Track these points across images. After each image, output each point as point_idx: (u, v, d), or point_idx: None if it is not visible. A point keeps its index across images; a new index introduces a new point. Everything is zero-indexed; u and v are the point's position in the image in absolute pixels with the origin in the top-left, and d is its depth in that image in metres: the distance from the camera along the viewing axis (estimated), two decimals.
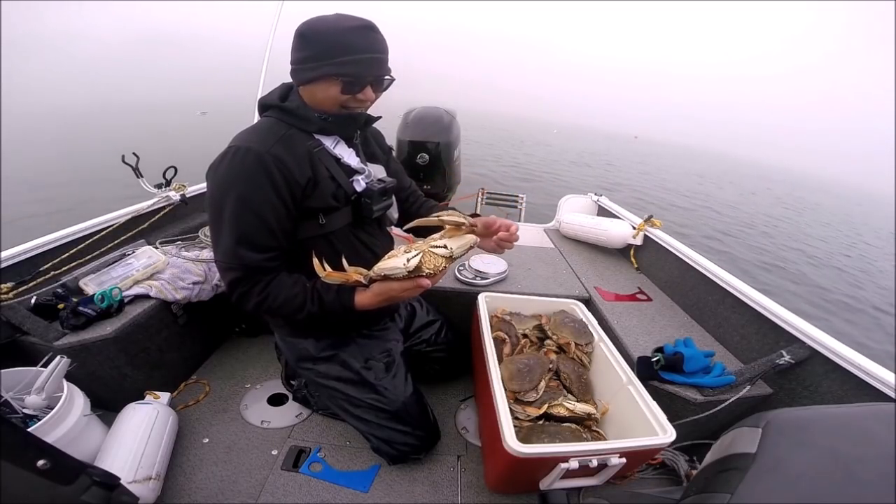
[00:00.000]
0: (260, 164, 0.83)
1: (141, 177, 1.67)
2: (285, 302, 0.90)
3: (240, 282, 0.87)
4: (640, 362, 1.17)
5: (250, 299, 0.89)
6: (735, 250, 7.58)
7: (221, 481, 1.09)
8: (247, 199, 0.84)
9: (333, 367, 1.12)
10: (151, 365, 1.27)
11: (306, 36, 0.86)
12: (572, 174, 12.87)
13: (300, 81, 0.91)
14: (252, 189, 0.84)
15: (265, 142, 0.86)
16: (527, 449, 0.84)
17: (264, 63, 2.05)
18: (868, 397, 0.99)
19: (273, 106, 0.93)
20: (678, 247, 1.68)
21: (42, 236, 1.28)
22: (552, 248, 2.07)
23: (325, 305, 0.91)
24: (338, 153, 0.97)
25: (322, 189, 0.92)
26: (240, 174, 0.84)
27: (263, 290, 0.88)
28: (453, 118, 2.19)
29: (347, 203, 0.97)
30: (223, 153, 0.86)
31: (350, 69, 0.86)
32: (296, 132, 0.91)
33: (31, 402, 0.97)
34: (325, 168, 0.93)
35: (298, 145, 0.90)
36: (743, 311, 1.32)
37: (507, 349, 1.22)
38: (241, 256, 0.85)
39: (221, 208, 0.85)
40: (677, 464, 1.09)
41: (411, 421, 1.12)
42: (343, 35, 0.84)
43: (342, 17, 0.87)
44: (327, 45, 0.84)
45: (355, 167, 1.00)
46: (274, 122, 0.92)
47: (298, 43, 0.87)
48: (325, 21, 0.86)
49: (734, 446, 0.47)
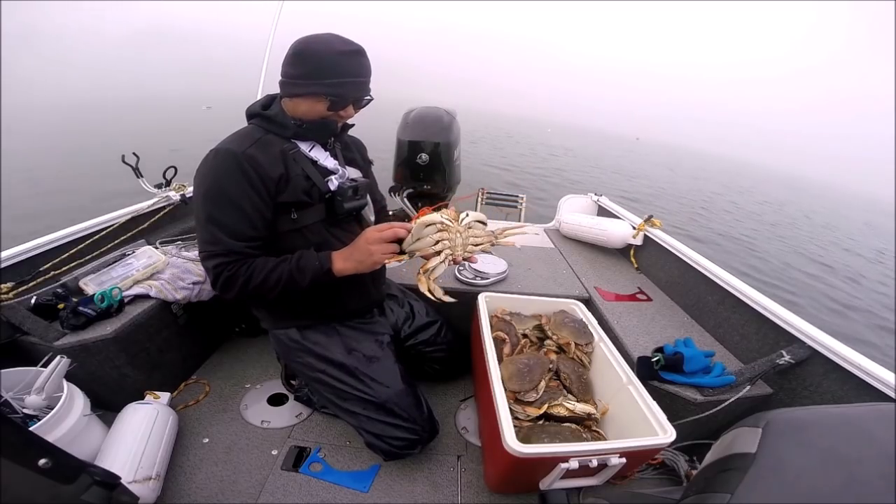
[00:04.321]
0: (234, 161, 0.92)
1: (141, 177, 1.67)
2: (268, 274, 0.95)
3: (224, 266, 0.93)
4: (640, 362, 1.17)
5: (237, 281, 0.94)
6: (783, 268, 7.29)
7: (221, 481, 1.09)
8: (224, 192, 0.92)
9: (317, 359, 1.14)
10: (151, 365, 1.27)
11: (301, 54, 0.95)
12: (572, 175, 12.90)
13: (288, 94, 1.01)
14: (229, 183, 0.92)
15: (241, 144, 0.95)
16: (527, 449, 0.84)
17: (265, 61, 2.06)
18: (868, 397, 0.99)
19: (256, 114, 1.04)
20: (678, 247, 1.68)
21: (42, 236, 1.28)
22: (552, 248, 2.08)
23: (301, 260, 0.97)
24: (314, 156, 1.05)
25: (294, 185, 0.99)
26: (216, 170, 0.93)
27: (248, 269, 0.94)
28: (453, 118, 2.19)
29: (321, 200, 1.05)
30: (206, 155, 0.95)
31: (337, 90, 0.96)
32: (273, 137, 1.01)
33: (31, 402, 0.97)
34: (300, 167, 1.01)
35: (273, 147, 0.99)
36: (743, 311, 1.32)
37: (507, 349, 1.22)
38: (223, 242, 0.93)
39: (203, 203, 0.94)
40: (677, 464, 1.09)
41: (402, 414, 1.10)
42: (334, 58, 0.94)
43: (336, 39, 0.96)
44: (319, 66, 0.94)
45: (331, 168, 1.07)
46: (253, 128, 1.03)
47: (292, 60, 0.96)
48: (319, 42, 0.95)
49: (734, 446, 0.47)
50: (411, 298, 1.41)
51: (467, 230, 1.02)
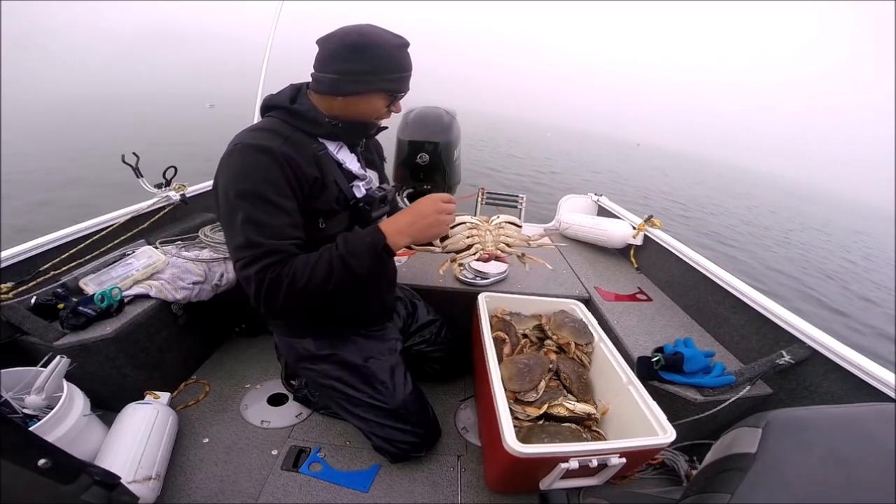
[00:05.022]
0: (273, 158, 0.83)
1: (141, 177, 1.67)
2: (313, 269, 0.83)
3: (267, 268, 0.81)
4: (640, 362, 1.17)
5: (282, 284, 0.81)
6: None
7: (221, 481, 1.09)
8: (263, 191, 0.82)
9: (332, 366, 1.13)
10: (151, 365, 1.27)
11: (362, 49, 0.86)
12: (573, 175, 12.89)
13: (349, 92, 0.89)
14: (267, 181, 0.83)
15: (274, 140, 0.86)
16: (527, 449, 0.84)
17: (265, 61, 2.06)
18: (868, 397, 0.99)
19: (280, 107, 0.93)
20: (678, 247, 1.68)
21: (42, 236, 1.28)
22: (552, 248, 2.07)
23: (349, 244, 0.86)
24: (340, 158, 0.98)
25: (328, 192, 0.92)
26: (252, 168, 0.83)
27: (290, 269, 0.82)
28: (453, 118, 2.19)
29: (346, 208, 0.98)
30: (230, 151, 0.85)
31: (399, 86, 0.92)
32: (300, 135, 0.91)
33: (31, 402, 0.97)
34: (331, 172, 0.94)
35: (306, 147, 0.90)
36: (743, 311, 1.32)
37: (507, 349, 1.22)
38: (264, 245, 0.81)
39: (237, 203, 0.82)
40: (677, 464, 1.09)
41: (411, 419, 1.12)
42: (394, 52, 0.89)
43: (386, 32, 0.90)
44: (383, 60, 0.88)
45: (356, 173, 1.01)
46: (278, 123, 0.91)
47: (350, 55, 0.86)
48: (376, 35, 0.88)
49: (734, 446, 0.47)
50: (413, 297, 1.41)
51: (498, 229, 1.11)
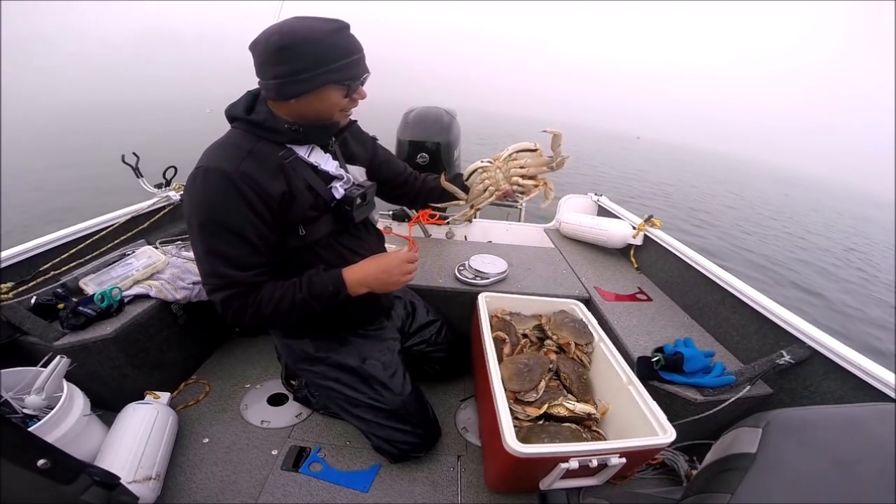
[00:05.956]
0: (229, 183, 0.81)
1: (141, 177, 1.67)
2: (277, 304, 0.90)
3: (232, 298, 0.88)
4: (640, 362, 1.17)
5: (246, 312, 0.89)
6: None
7: (221, 481, 1.09)
8: (223, 222, 0.83)
9: (331, 367, 1.13)
10: (151, 365, 1.27)
11: (291, 48, 0.80)
12: (573, 175, 12.88)
13: (292, 95, 0.85)
14: (226, 210, 0.83)
15: (233, 159, 0.83)
16: (527, 449, 0.84)
17: None
18: (868, 397, 0.99)
19: (239, 118, 0.91)
20: (678, 247, 1.68)
21: (42, 236, 1.28)
22: (552, 248, 2.07)
23: (312, 287, 0.91)
24: (314, 161, 0.95)
25: (299, 202, 0.90)
26: (210, 197, 0.82)
27: (255, 300, 0.89)
28: (453, 118, 2.20)
29: (328, 210, 0.96)
30: (193, 175, 0.84)
31: (348, 73, 0.86)
32: (265, 144, 0.89)
33: (31, 402, 0.97)
34: (302, 178, 0.91)
35: (269, 158, 0.88)
36: (743, 311, 1.32)
37: (507, 349, 1.22)
38: (228, 276, 0.86)
39: (201, 233, 0.84)
40: (677, 464, 1.09)
41: (411, 419, 1.12)
42: (329, 39, 0.82)
43: (313, 20, 0.83)
44: (319, 53, 0.81)
45: (333, 173, 0.98)
46: (241, 135, 0.89)
47: (279, 57, 0.81)
48: (301, 29, 0.81)
49: (734, 446, 0.47)
50: (413, 298, 1.41)
51: (507, 163, 1.10)
